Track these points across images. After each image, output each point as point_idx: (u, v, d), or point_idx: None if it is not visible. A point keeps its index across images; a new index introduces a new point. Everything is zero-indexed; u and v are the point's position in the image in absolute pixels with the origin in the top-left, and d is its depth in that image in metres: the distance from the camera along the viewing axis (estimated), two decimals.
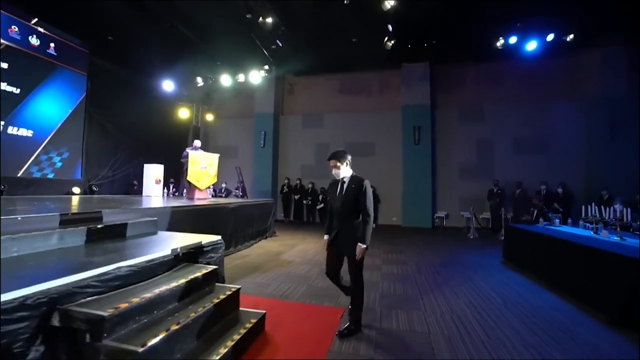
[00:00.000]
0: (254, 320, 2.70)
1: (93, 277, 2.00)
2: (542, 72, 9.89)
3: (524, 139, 10.08)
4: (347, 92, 11.64)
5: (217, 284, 2.88)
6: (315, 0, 7.41)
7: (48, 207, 4.15)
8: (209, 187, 7.83)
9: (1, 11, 7.18)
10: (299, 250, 6.44)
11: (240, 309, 2.83)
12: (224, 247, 3.50)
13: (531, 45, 8.37)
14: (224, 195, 10.99)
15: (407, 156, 10.55)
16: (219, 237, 3.49)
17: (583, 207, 4.82)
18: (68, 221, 2.89)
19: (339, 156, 2.84)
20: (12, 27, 7.54)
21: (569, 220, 5.49)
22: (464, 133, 10.52)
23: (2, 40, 7.27)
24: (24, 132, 7.85)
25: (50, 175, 8.51)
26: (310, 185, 11.14)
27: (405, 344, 2.59)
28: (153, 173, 8.86)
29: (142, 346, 1.71)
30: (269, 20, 7.02)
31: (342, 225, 2.79)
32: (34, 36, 8.01)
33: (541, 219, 5.41)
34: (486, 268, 5.20)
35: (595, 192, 8.22)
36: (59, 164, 8.71)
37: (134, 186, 10.74)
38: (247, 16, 7.70)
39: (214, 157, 7.65)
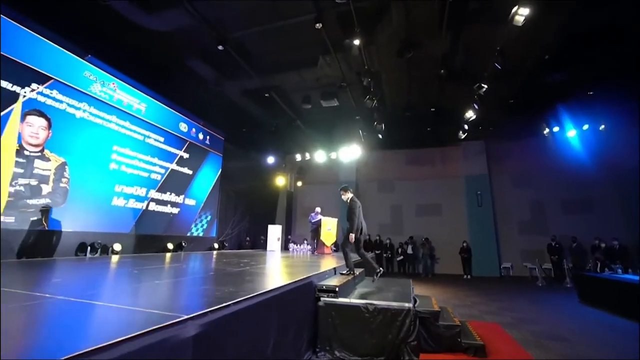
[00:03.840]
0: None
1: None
2: (582, 145, 12.13)
3: (570, 200, 12.11)
4: (413, 163, 14.26)
5: None
6: (409, 108, 10.33)
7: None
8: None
9: (189, 120, 10.44)
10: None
11: None
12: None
13: (571, 133, 10.88)
14: None
15: (471, 216, 12.76)
16: (410, 280, 5.76)
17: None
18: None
19: (342, 190, 5.26)
20: (193, 129, 10.76)
21: (629, 270, 7.40)
22: (518, 196, 12.71)
23: (187, 139, 10.45)
24: (192, 202, 10.67)
25: (201, 234, 11.15)
26: (387, 241, 13.34)
27: (551, 337, 4.65)
28: (274, 232, 11.41)
29: (460, 322, 3.96)
30: (381, 125, 9.87)
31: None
32: (201, 133, 11.21)
33: (606, 269, 7.32)
34: (569, 306, 7.10)
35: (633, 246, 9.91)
36: (206, 225, 11.39)
37: (246, 242, 13.28)
38: (357, 117, 10.65)
39: (335, 222, 10.11)
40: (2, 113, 5.65)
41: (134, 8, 6.17)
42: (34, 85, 6.19)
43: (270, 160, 14.17)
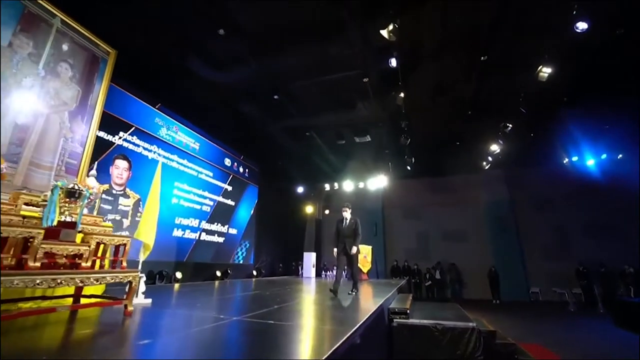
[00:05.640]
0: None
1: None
2: (601, 173, 12.62)
3: (593, 225, 12.49)
4: (437, 190, 14.89)
5: None
6: (435, 141, 11.16)
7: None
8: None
9: (230, 155, 11.42)
10: None
11: None
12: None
13: (590, 162, 11.52)
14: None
15: (496, 242, 13.21)
16: (457, 304, 6.31)
17: None
18: None
19: (347, 207, 5.60)
20: (235, 163, 11.73)
21: None
22: (541, 221, 13.15)
23: (230, 172, 11.38)
24: (234, 231, 11.44)
25: (241, 261, 11.82)
26: (415, 267, 13.78)
27: (595, 356, 5.11)
28: (309, 259, 12.02)
29: (512, 340, 4.51)
30: (411, 159, 10.67)
31: (347, 240, 5.41)
32: (241, 166, 12.16)
33: None
34: (606, 329, 7.45)
35: None
36: (245, 253, 12.09)
37: (279, 268, 13.87)
38: (386, 151, 11.48)
39: (369, 249, 10.73)
40: (100, 159, 6.67)
41: (208, 68, 7.24)
42: (121, 134, 7.22)
43: (300, 190, 15.01)
